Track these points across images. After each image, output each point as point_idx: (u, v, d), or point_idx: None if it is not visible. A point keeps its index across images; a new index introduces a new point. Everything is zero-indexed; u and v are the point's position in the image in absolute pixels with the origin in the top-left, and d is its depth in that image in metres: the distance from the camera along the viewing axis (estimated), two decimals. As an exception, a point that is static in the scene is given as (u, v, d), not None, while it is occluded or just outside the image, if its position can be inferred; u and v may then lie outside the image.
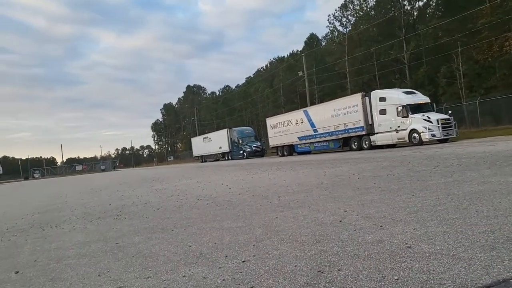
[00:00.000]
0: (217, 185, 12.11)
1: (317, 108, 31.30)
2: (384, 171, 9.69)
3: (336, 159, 17.75)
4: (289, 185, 9.39)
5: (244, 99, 79.14)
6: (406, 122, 22.77)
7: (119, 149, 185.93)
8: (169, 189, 13.04)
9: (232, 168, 21.80)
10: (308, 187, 8.48)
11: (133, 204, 9.93)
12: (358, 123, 26.19)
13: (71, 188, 24.28)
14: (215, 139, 51.44)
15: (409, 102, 22.82)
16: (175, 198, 9.97)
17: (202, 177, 17.43)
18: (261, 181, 11.46)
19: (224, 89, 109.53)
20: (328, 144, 29.88)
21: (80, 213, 9.66)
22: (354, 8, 49.54)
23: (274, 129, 36.57)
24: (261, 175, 13.63)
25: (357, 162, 14.12)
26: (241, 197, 8.40)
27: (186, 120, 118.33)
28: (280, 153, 35.76)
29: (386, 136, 24.15)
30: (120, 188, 17.29)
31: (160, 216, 7.25)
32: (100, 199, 12.88)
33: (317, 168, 13.83)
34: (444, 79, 35.26)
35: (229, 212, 6.58)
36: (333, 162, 15.62)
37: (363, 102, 25.85)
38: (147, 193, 12.66)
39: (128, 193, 13.59)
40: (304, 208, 5.99)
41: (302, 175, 11.41)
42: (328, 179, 9.44)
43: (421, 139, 21.81)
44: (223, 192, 9.85)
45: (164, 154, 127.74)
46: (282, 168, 15.92)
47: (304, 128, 31.86)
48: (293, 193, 7.86)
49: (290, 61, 66.06)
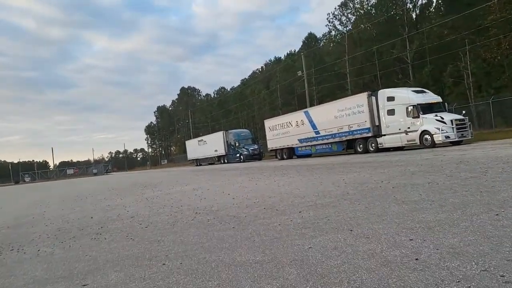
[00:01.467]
0: (217, 193, 10.51)
1: (319, 109, 29.67)
2: (419, 178, 8.15)
3: (346, 163, 16.19)
4: (305, 195, 7.82)
5: (240, 100, 77.38)
6: (416, 123, 21.23)
7: (113, 152, 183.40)
8: (161, 197, 11.41)
9: (231, 173, 20.19)
10: (332, 199, 6.91)
11: (118, 218, 8.32)
12: (363, 124, 24.65)
13: (57, 194, 22.57)
14: (210, 142, 49.76)
15: (420, 101, 21.31)
16: (168, 210, 8.37)
17: (198, 183, 15.81)
18: (269, 189, 9.88)
19: (219, 91, 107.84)
20: (331, 147, 28.32)
21: (54, 229, 8.04)
22: (354, 7, 48.24)
23: (272, 131, 34.94)
24: (266, 182, 12.04)
25: (374, 166, 12.58)
26: (250, 211, 6.81)
27: (181, 123, 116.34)
28: (279, 156, 34.13)
29: (394, 138, 22.60)
30: (108, 195, 15.64)
31: (149, 238, 5.66)
32: (83, 209, 11.25)
33: (329, 173, 12.27)
34: (450, 78, 33.92)
35: (239, 235, 4.99)
36: (345, 167, 14.07)
37: (369, 102, 24.30)
38: (136, 202, 11.04)
39: (115, 202, 11.96)
40: (344, 231, 4.42)
41: (317, 182, 9.84)
42: (353, 188, 7.88)
43: (433, 141, 20.29)
44: (225, 203, 8.25)
45: (158, 157, 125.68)
46: (288, 173, 14.34)
47: (305, 130, 30.26)
48: (315, 207, 6.29)
49: (287, 61, 64.57)
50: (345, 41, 46.93)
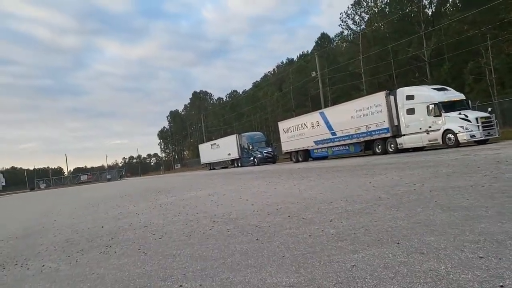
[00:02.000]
0: (234, 199, 9.90)
1: (335, 110, 28.89)
2: (458, 180, 7.44)
3: (367, 164, 15.45)
4: (332, 200, 7.16)
5: (252, 103, 76.72)
6: (438, 121, 20.35)
7: (126, 158, 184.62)
8: (176, 204, 10.85)
9: (246, 177, 19.59)
10: (363, 204, 6.25)
11: (131, 227, 7.77)
12: (382, 124, 23.82)
13: (70, 201, 22.23)
14: (223, 146, 49.26)
15: (441, 99, 20.42)
16: (183, 218, 7.79)
17: (213, 187, 15.23)
18: (290, 194, 9.24)
19: (232, 94, 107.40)
20: (348, 148, 27.51)
21: (63, 240, 7.53)
22: (368, 5, 47.21)
23: (287, 133, 34.27)
24: (285, 186, 11.39)
25: (400, 168, 11.84)
26: (273, 219, 6.19)
27: (193, 127, 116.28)
28: (294, 159, 33.42)
29: (415, 138, 21.74)
30: (121, 202, 15.16)
31: (163, 252, 5.07)
32: (94, 217, 10.75)
33: (352, 176, 11.57)
34: (471, 75, 32.76)
35: (265, 249, 4.38)
36: (368, 168, 13.34)
37: (388, 101, 23.48)
38: (149, 209, 10.50)
39: (127, 210, 11.44)
40: (389, 244, 3.77)
41: (342, 186, 9.17)
42: (384, 192, 7.20)
43: (457, 140, 19.39)
44: (244, 210, 7.64)
45: (171, 162, 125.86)
46: (308, 176, 13.67)
47: (320, 132, 29.52)
48: (347, 214, 5.64)
49: (300, 62, 63.71)
50: (359, 41, 45.96)
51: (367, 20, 47.81)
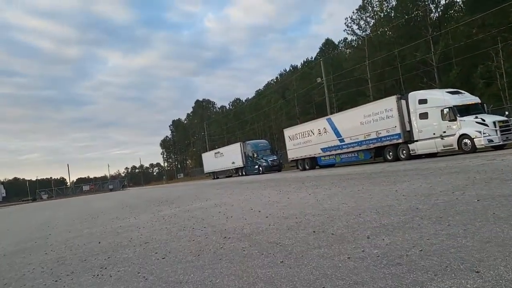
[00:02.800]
0: (244, 211, 9.00)
1: (343, 116, 27.95)
2: (501, 187, 6.54)
3: (383, 172, 14.51)
4: (360, 212, 6.26)
5: (255, 111, 75.91)
6: (453, 126, 19.43)
7: (129, 167, 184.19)
8: (180, 216, 9.95)
9: (253, 186, 18.68)
10: (400, 217, 5.35)
11: (130, 243, 6.88)
12: (393, 130, 22.91)
13: (69, 212, 21.36)
14: (227, 154, 48.40)
15: (456, 103, 19.52)
16: (189, 233, 6.89)
17: (220, 197, 14.33)
18: (307, 204, 8.33)
19: (234, 102, 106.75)
20: (357, 155, 26.57)
21: (54, 259, 6.64)
22: (373, 10, 46.46)
23: (293, 140, 33.36)
24: (299, 195, 10.49)
25: (423, 174, 10.92)
26: (296, 235, 5.29)
27: (196, 136, 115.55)
28: (301, 167, 32.46)
29: (428, 144, 20.81)
30: (121, 213, 14.27)
31: (167, 277, 4.17)
32: (91, 231, 9.86)
33: (372, 183, 10.66)
34: (481, 79, 31.88)
35: (295, 275, 3.48)
36: (386, 176, 12.40)
37: (399, 106, 22.57)
38: (151, 222, 9.61)
39: (128, 222, 10.56)
40: (465, 273, 2.87)
41: (365, 195, 8.26)
42: (420, 202, 6.29)
43: (474, 145, 18.45)
44: (259, 223, 6.74)
45: (174, 171, 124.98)
46: (321, 185, 12.75)
47: (328, 138, 28.61)
48: (385, 229, 4.74)
49: (304, 69, 62.93)
50: (364, 46, 45.20)
51: (372, 25, 47.08)
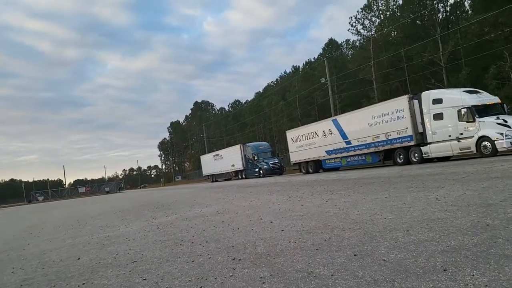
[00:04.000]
0: (252, 220, 7.66)
1: (350, 116, 26.50)
2: None
3: (403, 176, 13.16)
4: (407, 227, 4.92)
5: (256, 113, 74.62)
6: (471, 128, 18.13)
7: (126, 170, 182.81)
8: (177, 225, 8.61)
9: (257, 190, 17.32)
10: (473, 237, 4.02)
11: (114, 262, 5.54)
12: (404, 131, 21.60)
13: (58, 216, 19.95)
14: (227, 156, 47.09)
15: (474, 103, 18.20)
16: (188, 250, 5.56)
17: (222, 203, 12.97)
18: (328, 214, 6.99)
19: (234, 104, 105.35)
20: (364, 158, 25.23)
21: (19, 280, 5.31)
22: (378, 9, 45.16)
23: (295, 142, 32.03)
24: (314, 202, 9.16)
25: (456, 179, 9.60)
26: (330, 259, 3.95)
27: (194, 138, 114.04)
28: (304, 170, 31.13)
29: (443, 146, 19.48)
30: (112, 219, 12.91)
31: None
32: (74, 242, 8.53)
33: (396, 190, 9.33)
34: (494, 80, 30.60)
35: None
36: (411, 181, 11.02)
37: (411, 106, 21.24)
38: (143, 232, 8.27)
39: (117, 231, 9.22)
40: None
41: (398, 204, 6.92)
42: (484, 215, 4.97)
43: (495, 148, 17.12)
44: (274, 239, 5.41)
45: (172, 173, 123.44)
46: (336, 190, 11.40)
47: (333, 141, 27.29)
48: (461, 255, 3.42)
49: (306, 70, 61.58)
50: (369, 46, 43.92)
51: (377, 25, 45.76)
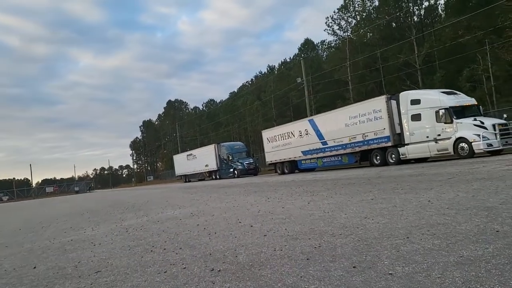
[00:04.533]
0: (230, 223, 7.03)
1: (326, 117, 26.16)
2: None
3: (384, 177, 12.80)
4: (406, 233, 4.40)
5: (230, 112, 73.91)
6: (448, 129, 18.10)
7: (97, 169, 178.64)
8: (147, 229, 7.88)
9: (233, 191, 16.69)
10: (486, 246, 3.52)
11: (75, 271, 4.78)
12: (382, 132, 21.44)
13: (21, 218, 18.72)
14: (200, 156, 46.23)
15: (452, 104, 18.16)
16: (160, 257, 4.86)
17: (196, 204, 12.26)
18: (313, 217, 6.43)
19: (208, 103, 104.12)
20: (341, 159, 25.00)
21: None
22: (355, 10, 45.25)
23: (271, 142, 31.56)
24: (295, 203, 8.60)
25: (442, 181, 9.26)
26: (325, 272, 3.35)
27: (167, 137, 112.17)
28: (280, 171, 30.69)
29: (421, 148, 19.37)
30: (78, 221, 12.00)
31: None
32: (33, 247, 7.68)
33: (382, 191, 8.90)
34: (467, 83, 31.05)
35: None
36: (393, 182, 10.62)
37: (388, 107, 21.11)
38: (111, 236, 7.51)
39: (82, 235, 8.42)
40: None
41: (389, 206, 6.44)
42: (488, 219, 4.51)
43: (471, 149, 17.10)
44: (257, 245, 4.79)
45: (144, 173, 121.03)
46: (316, 191, 10.88)
47: (309, 141, 26.95)
48: (480, 267, 2.89)
49: (282, 70, 61.25)
50: (346, 47, 43.96)
51: (353, 25, 45.87)
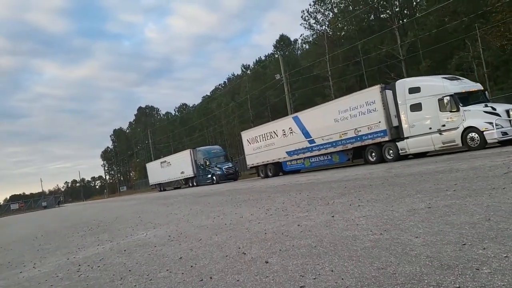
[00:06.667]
0: (229, 256, 4.54)
1: (313, 113, 23.85)
2: None
3: (401, 176, 10.50)
4: None
5: (204, 115, 71.05)
6: (454, 118, 16.19)
7: (69, 182, 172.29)
8: (107, 265, 5.29)
9: (216, 200, 14.18)
10: None
11: None
12: (377, 126, 19.39)
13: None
14: (175, 163, 43.43)
15: (457, 90, 16.21)
16: None
17: (175, 221, 9.68)
18: (360, 242, 4.05)
19: (181, 107, 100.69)
20: (331, 158, 22.83)
21: None
22: (331, 2, 43.43)
23: (252, 144, 29.15)
24: (312, 218, 6.17)
25: (499, 176, 7.10)
26: None
27: (139, 145, 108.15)
28: (263, 174, 28.31)
29: (423, 141, 17.32)
30: (23, 252, 9.21)
31: None
32: None
33: (421, 194, 6.61)
34: (457, 71, 29.58)
35: None
36: (424, 181, 8.32)
37: (383, 97, 19.08)
38: (54, 278, 4.93)
39: (17, 277, 5.76)
40: None
41: (464, 216, 4.17)
42: None
43: (483, 140, 15.15)
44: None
45: (117, 184, 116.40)
46: (326, 197, 8.40)
47: (295, 140, 24.68)
48: None
49: (257, 68, 58.93)
50: (324, 41, 42.12)
51: (331, 18, 44.09)
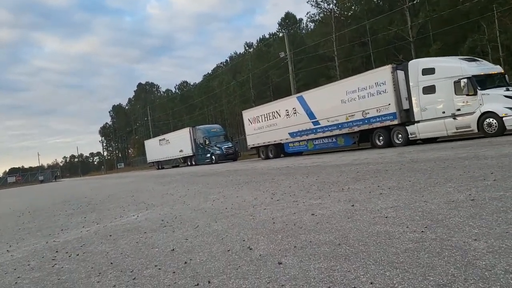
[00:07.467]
0: (231, 250, 3.70)
1: (318, 93, 22.82)
2: None
3: (417, 162, 9.63)
4: None
5: (205, 94, 69.79)
6: (471, 102, 15.25)
7: (67, 157, 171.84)
8: (88, 254, 4.43)
9: (215, 181, 13.36)
10: None
11: None
12: (386, 108, 18.45)
13: None
14: (174, 141, 42.58)
15: (475, 72, 15.24)
16: None
17: (170, 202, 8.86)
18: (397, 239, 3.20)
19: (182, 85, 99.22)
20: (336, 141, 21.96)
21: None
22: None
23: (253, 124, 28.23)
24: (327, 206, 5.32)
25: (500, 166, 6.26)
26: None
27: (138, 122, 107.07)
28: (264, 155, 27.49)
29: (435, 125, 16.37)
30: (4, 229, 8.42)
31: None
32: None
33: (460, 184, 5.74)
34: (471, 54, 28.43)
35: None
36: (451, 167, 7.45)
37: (394, 78, 18.12)
38: (20, 272, 4.07)
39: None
40: None
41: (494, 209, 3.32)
42: None
43: (502, 126, 14.21)
44: None
45: (114, 160, 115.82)
46: (337, 182, 7.56)
47: (298, 121, 23.73)
48: None
49: (260, 47, 57.44)
50: (331, 19, 40.74)
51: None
